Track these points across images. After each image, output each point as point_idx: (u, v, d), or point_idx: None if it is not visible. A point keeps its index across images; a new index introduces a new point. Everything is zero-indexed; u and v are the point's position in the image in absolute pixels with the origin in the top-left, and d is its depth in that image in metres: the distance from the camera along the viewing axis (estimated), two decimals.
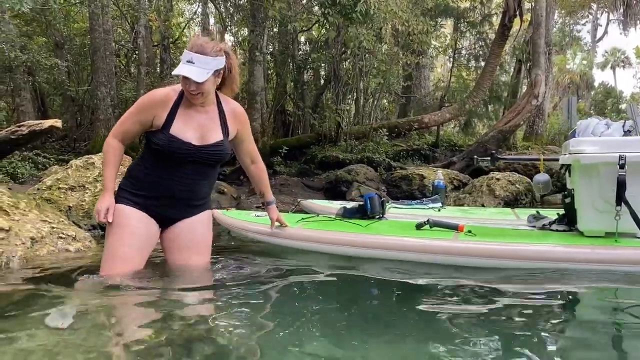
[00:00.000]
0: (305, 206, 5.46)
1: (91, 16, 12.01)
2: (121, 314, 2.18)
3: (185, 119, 2.54)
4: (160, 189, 2.60)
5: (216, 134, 2.58)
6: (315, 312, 2.28)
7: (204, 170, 2.63)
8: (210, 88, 2.52)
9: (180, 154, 2.53)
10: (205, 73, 2.42)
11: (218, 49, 2.49)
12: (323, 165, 11.89)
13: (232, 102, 2.72)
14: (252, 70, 11.83)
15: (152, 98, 2.58)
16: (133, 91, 14.47)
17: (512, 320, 2.16)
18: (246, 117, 2.81)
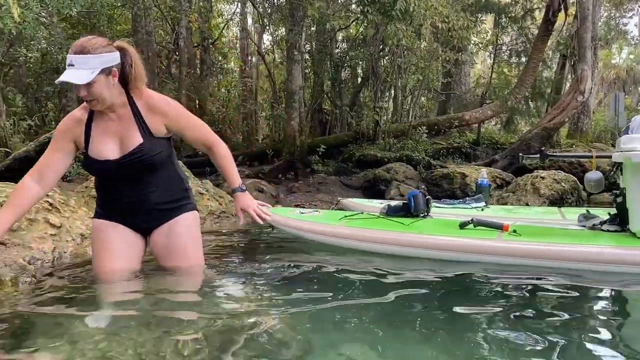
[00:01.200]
0: (345, 205, 5.46)
1: (134, 18, 12.31)
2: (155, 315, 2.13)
3: (100, 134, 2.35)
4: (114, 204, 2.49)
5: (135, 138, 2.34)
6: (355, 311, 2.27)
7: (142, 179, 2.42)
8: (105, 90, 2.24)
9: (105, 173, 2.40)
10: (90, 73, 2.15)
11: (103, 44, 2.22)
12: (361, 164, 11.83)
13: (146, 94, 2.39)
14: (291, 70, 11.87)
15: (64, 122, 2.40)
16: (174, 92, 14.75)
17: (556, 324, 2.09)
18: (169, 104, 2.44)
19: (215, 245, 4.13)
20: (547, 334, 1.92)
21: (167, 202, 2.49)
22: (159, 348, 1.67)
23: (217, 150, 2.59)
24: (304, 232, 3.85)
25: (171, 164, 2.53)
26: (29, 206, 2.38)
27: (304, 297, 2.48)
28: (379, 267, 3.19)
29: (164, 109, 2.38)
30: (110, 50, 2.23)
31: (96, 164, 2.35)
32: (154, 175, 2.41)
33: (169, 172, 2.50)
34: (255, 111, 19.39)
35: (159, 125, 2.38)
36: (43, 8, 8.64)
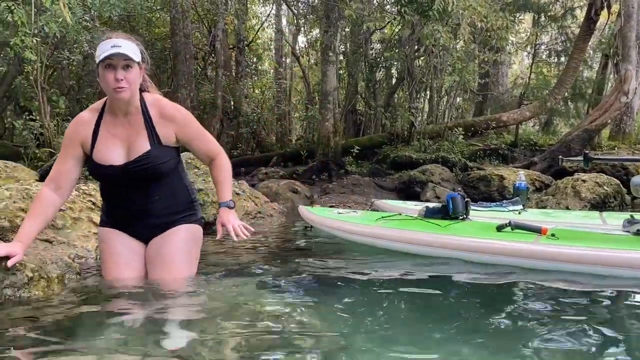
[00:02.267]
0: (379, 206, 5.45)
1: (172, 21, 12.54)
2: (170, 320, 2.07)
3: (108, 137, 2.30)
4: (118, 212, 2.45)
5: (142, 144, 2.28)
6: (389, 312, 2.26)
7: (146, 187, 2.35)
8: (138, 81, 2.25)
9: (108, 179, 2.36)
10: (138, 52, 2.23)
11: (136, 42, 2.29)
12: (395, 165, 11.74)
13: (159, 100, 2.37)
14: (325, 71, 11.89)
15: (73, 126, 2.35)
16: (211, 93, 14.97)
17: (593, 329, 2.02)
18: (181, 113, 2.39)
19: (252, 246, 4.17)
20: (583, 340, 1.87)
21: (170, 214, 2.42)
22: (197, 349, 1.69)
23: (219, 161, 2.48)
24: (340, 232, 3.90)
25: (178, 175, 2.46)
26: (51, 215, 2.37)
27: (339, 297, 2.47)
28: (413, 268, 3.19)
29: (176, 116, 2.33)
30: (141, 48, 2.30)
31: (100, 168, 2.30)
32: (158, 184, 2.35)
33: (175, 182, 2.43)
34: (288, 112, 19.50)
35: (170, 133, 2.32)
36: (86, 12, 8.89)
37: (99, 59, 2.14)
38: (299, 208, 4.81)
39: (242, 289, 2.58)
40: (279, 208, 6.28)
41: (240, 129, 16.30)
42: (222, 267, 3.17)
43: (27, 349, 1.72)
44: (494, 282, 2.88)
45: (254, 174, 11.21)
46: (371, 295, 2.58)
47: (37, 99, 8.50)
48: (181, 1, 12.29)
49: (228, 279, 2.81)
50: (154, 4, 13.48)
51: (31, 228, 2.22)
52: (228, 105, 16.40)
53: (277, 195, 8.09)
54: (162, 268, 2.43)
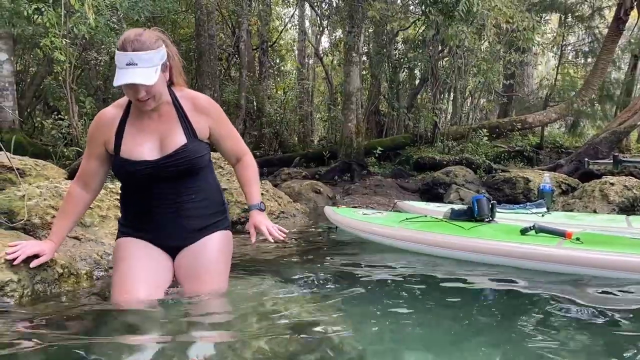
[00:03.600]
0: (402, 207, 5.43)
1: (197, 22, 12.68)
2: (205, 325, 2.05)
3: (135, 133, 2.13)
4: (144, 219, 2.20)
5: (177, 138, 2.12)
6: (410, 314, 2.25)
7: (180, 185, 2.17)
8: (163, 88, 2.08)
9: (139, 177, 2.12)
10: (154, 72, 1.98)
11: (155, 37, 2.03)
12: (418, 167, 11.67)
13: (190, 92, 2.21)
14: (348, 72, 11.87)
15: (95, 123, 2.20)
16: (234, 94, 15.08)
17: (618, 336, 1.98)
18: (215, 107, 2.24)
19: (276, 246, 4.18)
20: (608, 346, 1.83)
21: (204, 215, 2.24)
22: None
23: (247, 160, 2.35)
24: (365, 233, 3.92)
25: (211, 172, 2.32)
26: (81, 212, 2.29)
27: (362, 298, 2.47)
28: (436, 271, 3.18)
29: (211, 109, 2.20)
30: (162, 44, 2.05)
31: (128, 165, 2.10)
32: (194, 180, 2.18)
33: (208, 180, 2.27)
34: (311, 113, 19.54)
35: (204, 127, 2.18)
36: (113, 14, 9.04)
37: (115, 77, 1.95)
38: (324, 209, 4.83)
39: (266, 289, 2.59)
40: (302, 208, 6.29)
41: (263, 130, 16.40)
42: (246, 268, 3.19)
43: (54, 342, 1.76)
44: (517, 286, 2.84)
45: (276, 174, 11.26)
46: (393, 297, 2.57)
47: (65, 99, 8.67)
48: (206, 2, 12.41)
49: (251, 279, 2.83)
50: (180, 5, 13.63)
51: (62, 227, 2.21)
52: (251, 106, 16.50)
53: (300, 195, 8.10)
54: (197, 282, 2.20)
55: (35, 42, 8.79)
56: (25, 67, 12.64)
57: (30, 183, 3.57)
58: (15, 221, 2.84)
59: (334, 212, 4.51)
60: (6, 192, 3.21)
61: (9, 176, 4.00)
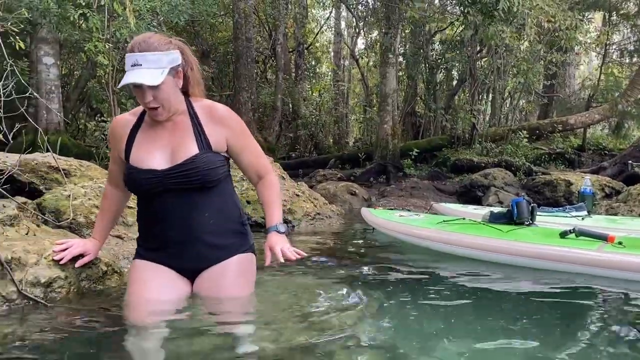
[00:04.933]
0: (438, 210, 5.38)
1: (235, 25, 12.86)
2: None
3: (147, 141, 2.02)
4: (156, 237, 2.06)
5: (189, 148, 1.97)
6: (446, 317, 2.24)
7: (191, 201, 1.99)
8: (172, 95, 1.94)
9: (146, 187, 1.99)
10: (159, 73, 1.87)
11: (167, 41, 1.94)
12: (456, 169, 11.52)
13: (208, 102, 2.07)
14: (385, 73, 11.83)
15: (110, 128, 2.14)
16: (271, 96, 15.23)
17: None
18: (233, 117, 2.06)
19: (312, 247, 4.20)
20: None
21: (220, 236, 2.06)
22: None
23: (270, 179, 2.14)
24: (401, 234, 3.92)
25: (227, 189, 2.11)
26: (119, 210, 2.27)
27: (396, 299, 2.45)
28: (473, 273, 3.16)
29: (230, 120, 2.03)
30: (174, 48, 1.94)
31: (136, 173, 1.99)
32: (206, 196, 2.00)
33: (224, 197, 2.08)
34: (346, 114, 19.54)
35: (221, 138, 2.01)
36: (154, 18, 9.25)
37: (122, 79, 1.87)
38: (361, 210, 4.83)
39: (301, 290, 2.60)
40: (337, 210, 6.29)
41: (298, 131, 16.50)
42: (281, 269, 3.21)
43: (98, 338, 1.83)
44: (555, 290, 2.79)
45: (311, 175, 11.30)
46: (429, 299, 2.55)
47: (108, 101, 8.92)
48: (244, 6, 12.57)
49: (286, 280, 2.85)
50: (218, 9, 13.85)
51: (102, 225, 2.23)
52: (287, 108, 16.63)
53: (335, 197, 8.11)
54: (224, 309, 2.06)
55: (80, 47, 9.06)
56: (70, 70, 13.07)
57: (75, 183, 3.68)
58: (62, 220, 2.93)
59: (370, 213, 4.51)
60: (53, 192, 3.33)
61: (56, 176, 4.14)
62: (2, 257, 2.08)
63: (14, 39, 3.43)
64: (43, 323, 1.94)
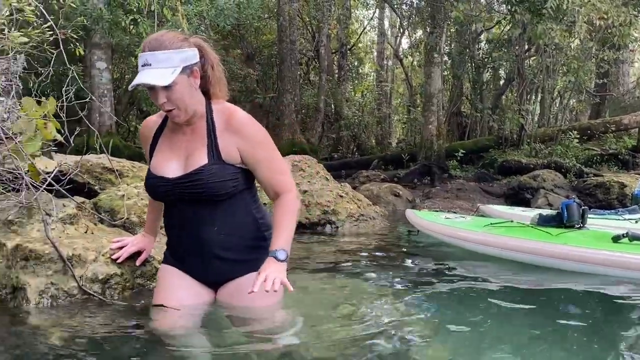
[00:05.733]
0: (485, 211, 5.30)
1: (279, 28, 13.01)
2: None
3: (167, 146, 1.97)
4: (177, 245, 2.04)
5: (200, 157, 1.87)
6: (489, 322, 2.22)
7: (200, 213, 1.91)
8: (187, 95, 1.83)
9: (160, 194, 1.98)
10: (170, 72, 1.76)
11: (181, 38, 1.84)
12: (503, 170, 11.26)
13: (229, 107, 1.94)
14: (429, 72, 11.71)
15: (140, 130, 2.11)
16: (314, 97, 15.32)
17: None
18: (250, 127, 1.90)
19: (355, 248, 4.22)
20: None
21: (235, 251, 1.95)
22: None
23: (286, 200, 1.94)
24: (447, 237, 3.89)
25: (243, 203, 1.96)
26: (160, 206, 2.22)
27: (441, 301, 2.45)
28: (520, 277, 3.12)
29: (244, 129, 1.88)
30: (189, 46, 1.84)
31: (151, 179, 1.96)
32: (215, 210, 1.90)
33: (238, 211, 1.95)
34: (389, 115, 19.43)
35: (232, 148, 1.88)
36: (201, 22, 9.47)
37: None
38: (405, 212, 4.81)
39: (345, 290, 2.63)
40: (381, 211, 6.27)
41: (341, 132, 16.52)
42: (326, 269, 3.24)
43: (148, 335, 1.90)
44: (606, 296, 2.72)
45: (354, 176, 11.29)
46: (473, 301, 2.53)
47: None
48: (288, 9, 12.70)
49: (331, 279, 2.88)
50: (263, 12, 14.05)
51: (152, 220, 2.27)
52: (329, 109, 16.68)
53: (379, 198, 8.08)
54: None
55: (130, 51, 9.37)
56: (122, 74, 13.51)
57: (128, 184, 3.82)
58: (117, 219, 3.05)
59: (415, 215, 4.49)
60: (107, 192, 3.46)
61: (109, 177, 4.31)
62: (64, 254, 2.19)
63: (73, 46, 3.59)
64: (100, 318, 2.04)
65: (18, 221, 2.38)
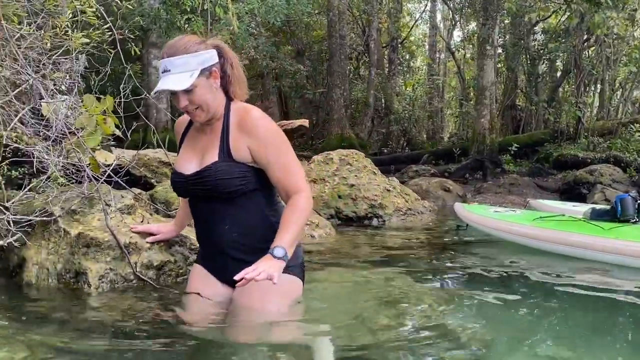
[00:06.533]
0: (535, 206, 5.19)
1: (329, 23, 13.06)
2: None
3: (189, 144, 2.04)
4: (200, 242, 2.12)
5: (212, 155, 1.90)
6: (537, 317, 2.20)
7: (214, 211, 1.94)
8: (209, 95, 1.87)
9: (179, 190, 2.06)
10: (188, 76, 1.81)
11: (197, 41, 1.88)
12: (558, 165, 10.92)
13: (245, 107, 1.96)
14: (482, 65, 11.47)
15: (174, 127, 2.19)
16: (363, 92, 15.30)
17: None
18: (262, 127, 1.88)
19: (402, 241, 4.24)
20: None
21: (246, 252, 1.92)
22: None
23: (297, 200, 1.87)
24: (495, 230, 3.86)
25: (256, 204, 1.94)
26: None
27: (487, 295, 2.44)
28: (569, 272, 3.07)
29: (255, 129, 1.87)
30: (206, 48, 1.88)
31: (173, 175, 2.05)
32: (227, 208, 1.91)
33: (251, 211, 1.94)
34: (441, 109, 19.14)
35: (242, 147, 1.88)
36: (252, 19, 9.66)
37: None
38: (454, 205, 4.78)
39: (393, 282, 2.66)
40: (430, 206, 6.24)
41: (390, 127, 16.42)
42: (371, 261, 3.29)
43: None
44: None
45: (403, 171, 11.23)
46: (519, 297, 2.51)
47: None
48: (338, 4, 12.73)
49: (378, 271, 2.92)
50: (313, 8, 14.15)
51: (182, 216, 2.33)
52: (379, 103, 16.61)
53: (428, 193, 8.02)
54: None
55: None
56: None
57: None
58: (171, 210, 3.21)
59: (463, 208, 4.46)
60: (163, 185, 3.64)
61: (165, 170, 4.52)
62: (121, 242, 2.34)
63: (130, 45, 3.77)
64: (153, 303, 2.16)
65: (80, 211, 2.54)
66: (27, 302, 2.20)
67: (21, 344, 1.66)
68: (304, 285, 2.02)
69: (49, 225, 2.48)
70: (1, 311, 2.03)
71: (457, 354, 1.71)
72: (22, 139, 2.96)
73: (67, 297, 2.23)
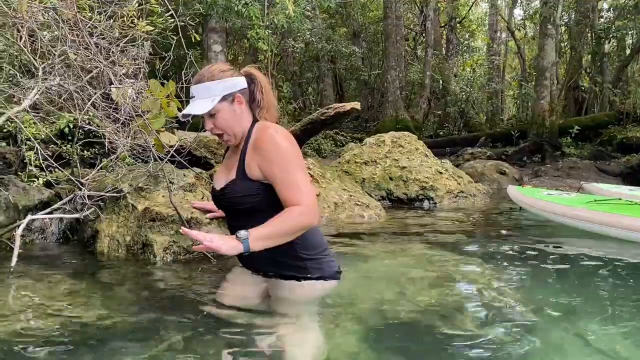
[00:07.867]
0: (589, 190, 5.07)
1: (385, 4, 12.95)
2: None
3: (225, 161, 2.16)
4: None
5: (232, 173, 1.99)
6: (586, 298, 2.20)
7: (239, 219, 1.99)
8: (232, 120, 1.97)
9: (214, 203, 2.22)
10: (209, 102, 1.93)
11: (223, 69, 1.99)
12: (623, 148, 10.48)
13: (263, 126, 1.98)
14: (543, 45, 11.10)
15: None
16: (419, 73, 15.12)
17: None
18: (268, 144, 1.90)
19: (453, 223, 4.27)
20: None
21: (266, 265, 2.02)
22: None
23: (292, 208, 1.84)
24: (547, 213, 3.85)
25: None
26: None
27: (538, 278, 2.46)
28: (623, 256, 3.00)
29: (262, 146, 1.91)
30: (232, 75, 1.98)
31: (211, 189, 2.20)
32: (248, 223, 1.87)
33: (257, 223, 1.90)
34: (501, 90, 18.61)
35: (254, 164, 1.92)
36: (308, 2, 9.74)
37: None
38: (507, 188, 4.75)
39: (439, 261, 2.73)
40: (484, 189, 6.19)
41: (447, 108, 16.16)
42: (421, 240, 3.36)
43: None
44: None
45: (459, 154, 11.08)
46: (571, 280, 2.51)
47: None
48: None
49: (426, 251, 2.99)
50: None
51: None
52: (436, 85, 16.36)
53: (483, 176, 7.92)
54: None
55: (243, 34, 9.89)
56: (235, 56, 14.25)
57: None
58: None
59: (517, 191, 4.43)
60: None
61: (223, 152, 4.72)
62: (184, 217, 2.53)
63: (191, 31, 3.97)
64: (210, 276, 2.36)
65: (146, 188, 2.76)
66: (101, 269, 2.45)
67: (100, 304, 1.88)
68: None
69: (118, 200, 2.72)
70: (80, 276, 2.28)
71: (502, 332, 1.77)
72: (94, 121, 3.20)
73: (136, 266, 2.46)
